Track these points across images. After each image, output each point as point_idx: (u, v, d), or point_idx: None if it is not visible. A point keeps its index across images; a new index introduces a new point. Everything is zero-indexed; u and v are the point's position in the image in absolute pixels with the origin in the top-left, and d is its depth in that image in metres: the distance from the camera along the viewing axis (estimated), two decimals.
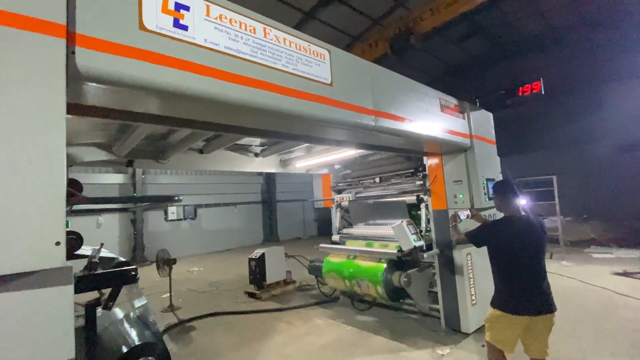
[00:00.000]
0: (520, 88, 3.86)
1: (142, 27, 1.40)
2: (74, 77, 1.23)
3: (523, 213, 2.55)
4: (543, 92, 3.79)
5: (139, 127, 2.56)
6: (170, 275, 5.81)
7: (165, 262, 5.68)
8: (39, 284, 1.09)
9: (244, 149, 4.46)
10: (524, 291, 2.37)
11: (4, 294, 1.05)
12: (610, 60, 12.36)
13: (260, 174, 15.79)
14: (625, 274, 6.27)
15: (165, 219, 12.80)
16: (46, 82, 1.15)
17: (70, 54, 1.21)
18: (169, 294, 5.93)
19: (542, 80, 3.79)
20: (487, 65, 14.99)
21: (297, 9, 9.81)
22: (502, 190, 2.60)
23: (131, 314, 2.09)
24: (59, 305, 1.15)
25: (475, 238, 2.64)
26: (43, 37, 1.14)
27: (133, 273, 1.78)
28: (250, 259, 6.45)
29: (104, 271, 1.78)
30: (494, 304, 2.49)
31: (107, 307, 1.81)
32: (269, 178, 16.02)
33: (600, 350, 3.47)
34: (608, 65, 12.39)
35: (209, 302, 6.14)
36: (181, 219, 13.28)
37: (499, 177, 4.37)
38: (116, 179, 11.58)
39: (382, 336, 4.12)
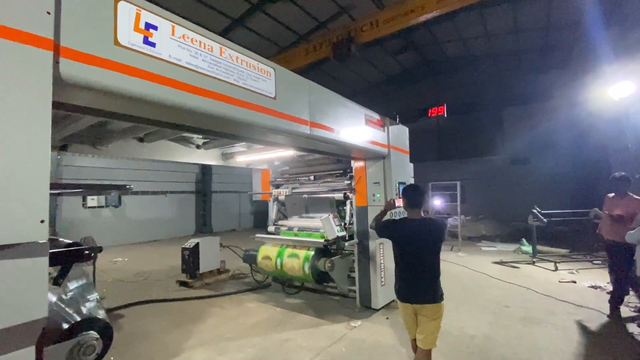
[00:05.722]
0: (429, 110, 4.75)
1: (116, 42, 1.66)
2: (58, 82, 1.45)
3: (423, 216, 2.72)
4: (446, 115, 4.73)
5: (84, 117, 2.63)
6: (94, 265, 5.57)
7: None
8: (24, 255, 1.33)
9: (186, 140, 4.56)
10: (405, 282, 2.67)
11: None
12: (510, 87, 14.97)
13: (196, 163, 15.18)
14: (500, 263, 7.92)
15: (84, 205, 11.58)
16: (36, 84, 1.36)
17: (55, 63, 1.43)
18: None
19: (445, 106, 4.73)
20: (417, 78, 16.77)
21: (245, 0, 9.76)
22: (405, 194, 2.77)
23: (74, 292, 2.23)
24: (38, 273, 1.39)
25: (378, 229, 2.91)
26: (35, 49, 1.36)
27: (87, 252, 1.97)
28: (184, 249, 6.50)
29: (64, 249, 1.92)
30: (394, 290, 2.80)
31: (57, 283, 1.95)
32: (205, 168, 15.51)
33: (473, 318, 4.53)
34: (509, 91, 15.01)
35: (137, 291, 6.04)
36: (102, 207, 12.16)
37: (410, 181, 5.27)
38: None
39: (307, 315, 4.70)
